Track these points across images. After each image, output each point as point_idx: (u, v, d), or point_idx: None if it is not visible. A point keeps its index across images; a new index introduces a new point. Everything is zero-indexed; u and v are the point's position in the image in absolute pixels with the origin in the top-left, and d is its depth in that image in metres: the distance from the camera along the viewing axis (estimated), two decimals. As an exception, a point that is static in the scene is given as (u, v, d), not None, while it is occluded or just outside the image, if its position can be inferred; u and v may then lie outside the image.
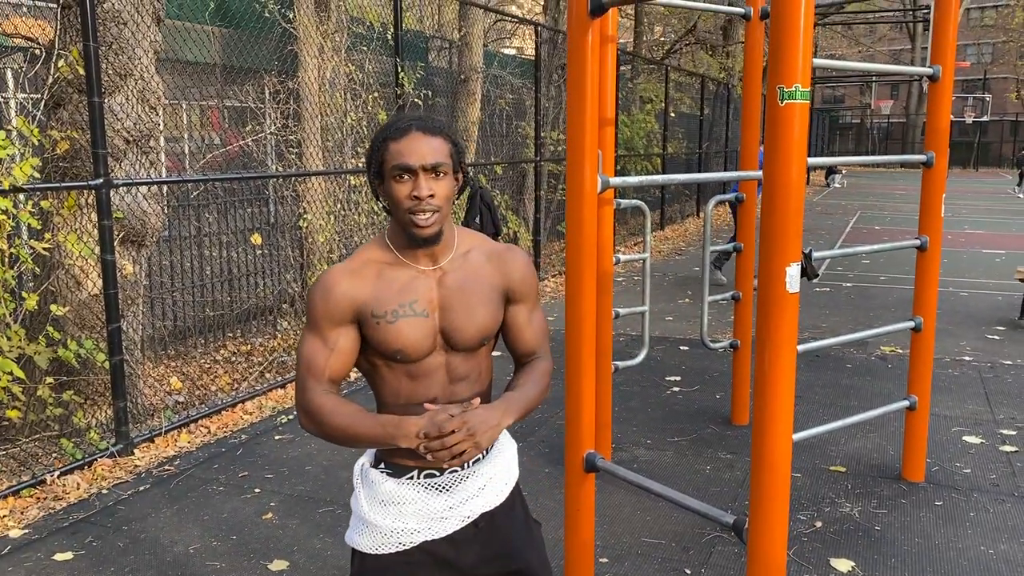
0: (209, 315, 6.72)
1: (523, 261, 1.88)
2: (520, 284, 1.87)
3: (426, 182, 1.70)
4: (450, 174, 1.75)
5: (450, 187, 1.75)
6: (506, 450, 1.94)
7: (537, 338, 1.92)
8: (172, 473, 4.45)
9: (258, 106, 7.20)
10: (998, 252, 12.71)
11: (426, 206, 1.70)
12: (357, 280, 1.76)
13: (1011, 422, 5.11)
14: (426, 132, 1.72)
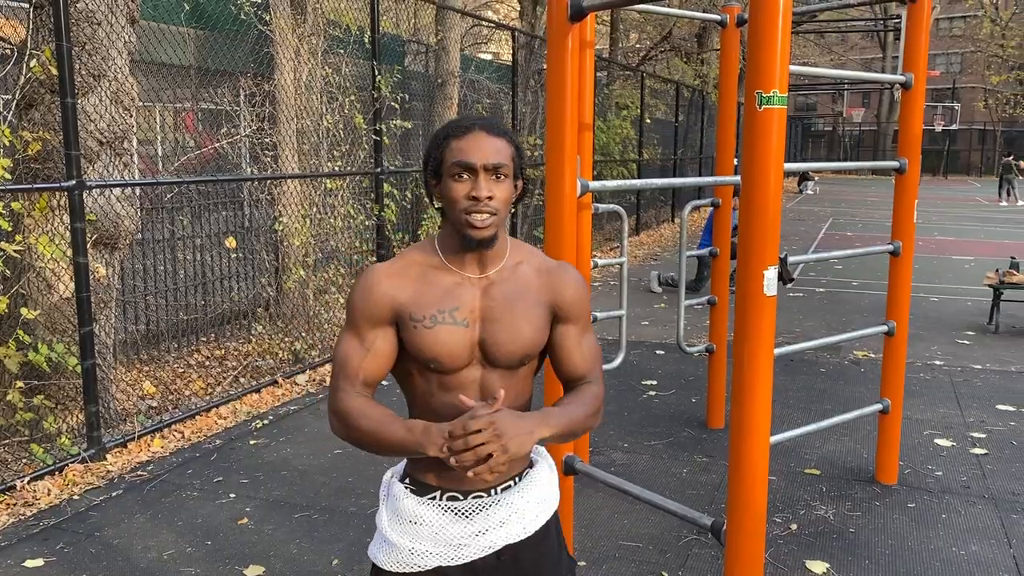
0: (183, 319, 6.65)
1: (576, 279, 1.77)
2: (571, 303, 1.76)
3: (486, 183, 1.63)
4: (510, 178, 1.68)
5: (509, 191, 1.67)
6: (541, 480, 1.79)
7: (587, 362, 1.79)
8: (145, 478, 4.40)
9: (233, 108, 7.15)
10: (967, 258, 12.91)
11: (484, 207, 1.63)
12: (399, 280, 1.70)
13: (981, 425, 5.18)
14: (490, 132, 1.66)
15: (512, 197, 1.70)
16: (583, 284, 1.78)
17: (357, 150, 7.45)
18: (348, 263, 7.71)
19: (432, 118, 9.88)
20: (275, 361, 6.43)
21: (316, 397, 5.81)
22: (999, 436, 4.99)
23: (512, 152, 1.68)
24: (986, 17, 47.67)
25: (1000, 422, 5.24)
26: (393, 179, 8.34)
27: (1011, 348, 7.17)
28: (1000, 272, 7.90)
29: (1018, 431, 5.07)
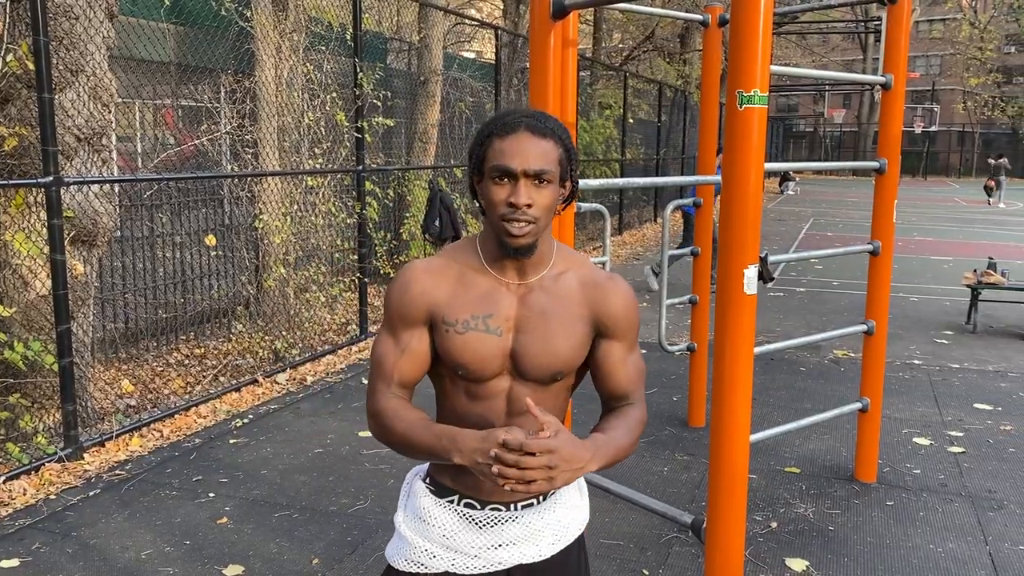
0: (162, 317, 6.60)
1: (623, 293, 1.65)
2: (616, 318, 1.64)
3: (526, 189, 1.53)
4: (555, 183, 1.56)
5: (553, 197, 1.56)
6: (567, 503, 1.71)
7: (632, 382, 1.68)
8: (123, 478, 4.36)
9: (214, 105, 7.10)
10: (946, 259, 13.03)
11: (522, 215, 1.53)
12: (436, 279, 1.63)
13: (958, 424, 5.23)
14: (535, 133, 1.54)
15: (557, 202, 1.59)
16: (631, 298, 1.67)
17: (339, 148, 7.42)
18: (329, 261, 7.68)
19: (415, 116, 9.85)
20: (255, 360, 6.39)
21: (297, 396, 5.78)
22: (976, 435, 5.04)
23: (560, 155, 1.57)
24: (965, 20, 48.18)
25: (977, 421, 5.29)
26: (375, 177, 8.32)
27: (989, 348, 7.24)
28: (978, 272, 7.98)
29: (995, 430, 5.13)
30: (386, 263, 8.69)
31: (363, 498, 4.12)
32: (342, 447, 4.80)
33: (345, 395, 5.79)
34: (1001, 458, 4.67)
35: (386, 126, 8.27)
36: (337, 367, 6.54)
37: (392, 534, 3.72)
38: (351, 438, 4.94)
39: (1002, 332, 7.87)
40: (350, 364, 6.62)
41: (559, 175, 1.57)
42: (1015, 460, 4.64)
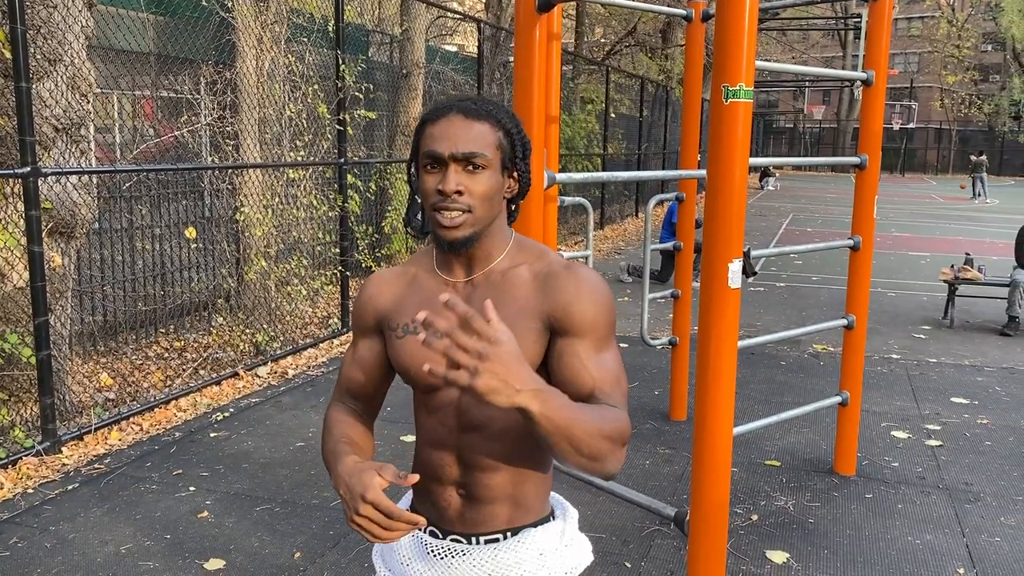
0: (141, 310, 6.54)
1: (582, 283, 1.43)
2: (571, 312, 1.42)
3: (455, 175, 1.41)
4: (492, 169, 1.43)
5: (489, 185, 1.42)
6: (541, 545, 1.51)
7: (603, 381, 1.41)
8: (102, 472, 4.32)
9: (194, 96, 7.03)
10: (923, 254, 13.16)
11: (452, 203, 1.41)
12: (387, 286, 1.56)
13: (935, 417, 5.29)
14: (467, 115, 1.42)
15: (497, 191, 1.45)
16: (594, 288, 1.44)
17: (320, 140, 7.37)
18: (311, 255, 7.64)
19: (397, 109, 9.81)
20: (236, 353, 6.35)
21: (278, 389, 5.75)
22: (953, 428, 5.10)
23: (498, 138, 1.44)
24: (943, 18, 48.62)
25: (954, 414, 5.35)
26: (357, 170, 8.28)
27: (965, 342, 7.32)
28: (955, 268, 8.06)
29: (971, 423, 5.19)
30: (368, 257, 8.65)
31: (345, 492, 4.10)
32: (324, 441, 4.78)
33: (327, 388, 5.77)
34: (977, 451, 4.73)
35: (368, 119, 8.23)
36: (319, 360, 6.51)
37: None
38: (333, 432, 4.92)
39: (978, 327, 7.96)
40: (332, 357, 6.59)
41: (499, 161, 1.44)
42: (991, 453, 4.70)
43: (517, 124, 1.49)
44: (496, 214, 1.47)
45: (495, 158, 1.44)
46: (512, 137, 1.46)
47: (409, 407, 5.39)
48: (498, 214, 1.48)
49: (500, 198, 1.47)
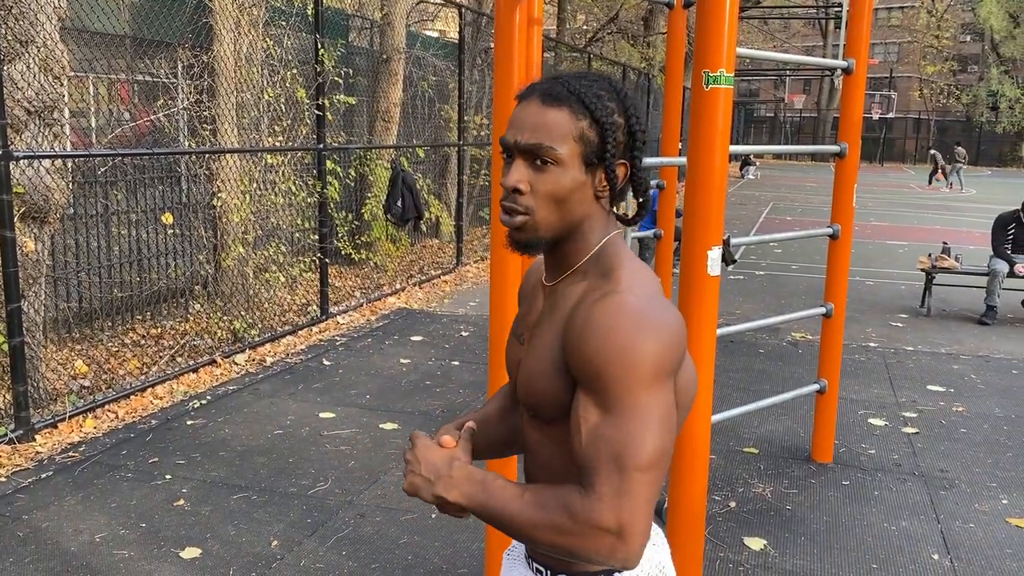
0: (117, 296, 6.46)
1: (601, 320, 1.14)
2: (579, 354, 1.16)
3: (518, 169, 1.22)
4: (567, 165, 1.21)
5: (560, 184, 1.21)
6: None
7: (586, 456, 1.13)
8: (76, 460, 4.27)
9: (170, 80, 6.93)
10: (901, 243, 13.26)
11: (510, 202, 1.23)
12: (527, 277, 1.46)
13: (912, 405, 5.33)
14: (545, 100, 1.22)
15: (573, 192, 1.22)
16: (607, 328, 1.13)
17: (299, 125, 7.30)
18: (289, 241, 7.58)
19: (377, 94, 9.73)
20: (213, 340, 6.29)
21: (256, 377, 5.70)
22: (929, 416, 5.14)
23: (577, 129, 1.21)
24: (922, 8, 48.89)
25: (930, 402, 5.40)
26: (336, 156, 8.21)
27: (942, 331, 7.39)
28: (932, 257, 8.13)
29: (947, 411, 5.24)
30: (347, 244, 8.60)
31: (323, 480, 4.08)
32: (302, 428, 4.75)
33: (305, 376, 5.73)
34: (953, 438, 4.77)
35: (347, 104, 8.16)
36: (297, 348, 6.47)
37: (352, 514, 3.70)
38: (311, 419, 4.90)
39: (955, 315, 8.03)
40: (310, 345, 6.55)
41: (579, 156, 1.21)
42: (966, 440, 4.74)
43: (611, 109, 1.23)
44: (575, 217, 1.25)
45: (572, 152, 1.21)
46: (603, 126, 1.22)
47: (387, 395, 5.37)
48: (581, 217, 1.25)
49: (581, 198, 1.23)
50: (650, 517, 1.11)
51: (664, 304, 1.17)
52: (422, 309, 7.93)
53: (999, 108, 44.91)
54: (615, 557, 1.09)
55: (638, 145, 1.25)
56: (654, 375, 1.11)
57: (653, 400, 1.11)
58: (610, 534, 1.08)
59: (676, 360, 1.14)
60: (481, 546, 3.46)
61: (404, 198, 8.51)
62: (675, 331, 1.15)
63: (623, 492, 1.08)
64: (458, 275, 9.74)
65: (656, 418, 1.11)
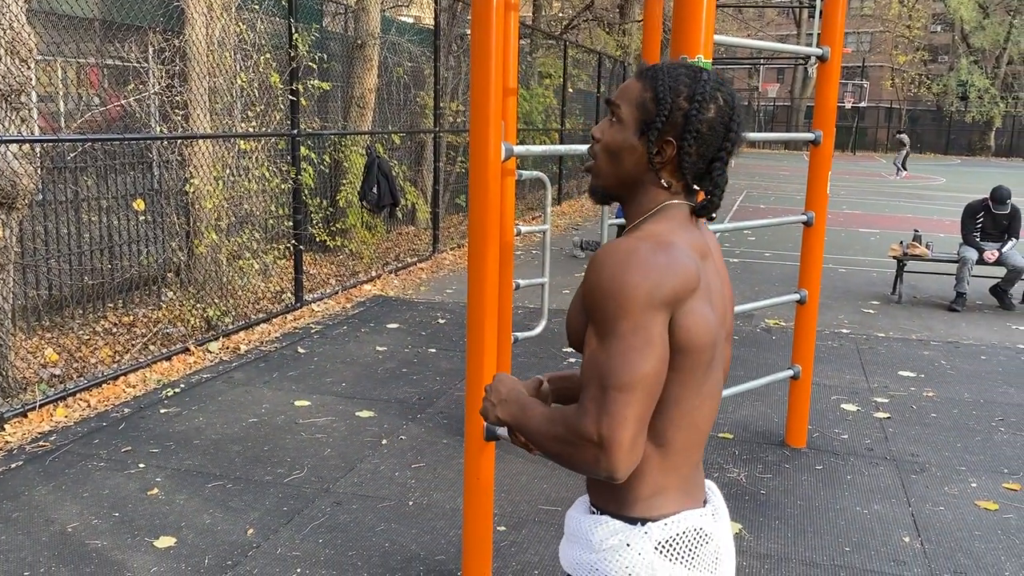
0: (88, 284, 6.37)
1: (601, 258, 1.29)
2: (585, 291, 1.32)
3: (603, 122, 1.43)
4: (627, 125, 1.38)
5: (616, 139, 1.39)
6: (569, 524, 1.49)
7: (584, 375, 1.30)
8: (48, 449, 4.21)
9: (141, 64, 6.83)
10: (873, 231, 13.40)
11: (591, 147, 1.45)
12: None
13: (884, 390, 5.40)
14: (636, 74, 1.42)
15: (624, 150, 1.39)
16: (597, 264, 1.29)
17: (273, 111, 7.22)
18: (263, 228, 7.51)
19: (351, 80, 9.65)
20: (187, 328, 6.23)
21: (230, 365, 5.66)
22: (900, 401, 5.21)
23: (642, 97, 1.37)
24: (895, -2, 49.23)
25: (902, 387, 5.47)
26: (310, 142, 8.14)
27: (913, 317, 7.48)
28: (904, 244, 8.22)
29: (918, 396, 5.31)
30: (322, 231, 8.54)
31: (299, 468, 4.06)
32: (277, 416, 4.72)
33: (280, 364, 5.69)
34: (923, 423, 4.84)
35: (322, 90, 8.08)
36: (272, 336, 6.42)
37: (328, 502, 3.68)
38: (286, 407, 4.87)
39: (926, 302, 8.14)
40: (285, 333, 6.51)
41: (636, 121, 1.38)
42: (936, 425, 4.81)
43: (679, 92, 1.36)
44: (628, 176, 1.41)
45: (632, 116, 1.38)
46: (660, 101, 1.35)
47: (363, 382, 5.34)
48: (634, 178, 1.41)
49: (633, 160, 1.39)
50: (636, 432, 1.24)
51: (673, 251, 1.29)
52: (398, 296, 7.90)
53: (968, 98, 45.42)
54: (600, 466, 1.24)
55: (691, 130, 1.34)
56: (639, 306, 1.24)
57: (637, 327, 1.24)
58: (593, 444, 1.24)
59: (666, 296, 1.25)
60: (458, 533, 3.46)
61: (379, 185, 8.46)
62: (666, 269, 1.26)
63: (603, 408, 1.23)
64: (435, 262, 9.71)
65: (638, 344, 1.24)
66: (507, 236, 4.02)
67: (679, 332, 1.28)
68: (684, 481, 1.40)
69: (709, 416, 1.40)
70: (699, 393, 1.35)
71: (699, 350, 1.31)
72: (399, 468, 4.09)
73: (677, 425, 1.35)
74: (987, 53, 46.10)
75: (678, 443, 1.36)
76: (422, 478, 3.98)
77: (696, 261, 1.32)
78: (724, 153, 1.38)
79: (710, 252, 1.40)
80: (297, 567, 3.19)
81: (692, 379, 1.32)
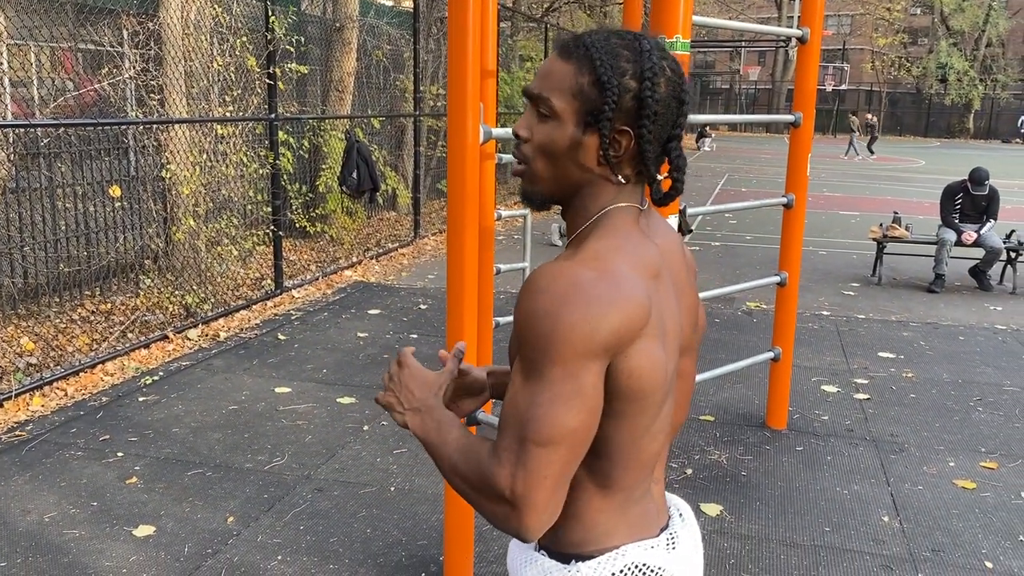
0: (64, 271, 6.29)
1: (525, 288, 1.11)
2: (516, 317, 1.12)
3: (525, 116, 1.21)
4: (561, 120, 1.17)
5: (551, 138, 1.17)
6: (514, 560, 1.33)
7: (503, 413, 1.11)
8: (24, 439, 4.17)
9: (115, 48, 6.72)
10: (853, 213, 13.47)
11: (514, 148, 1.23)
12: None
13: (864, 372, 5.43)
14: (560, 52, 1.18)
15: (563, 148, 1.17)
16: (526, 292, 1.10)
17: (250, 95, 7.14)
18: (242, 214, 7.44)
19: (330, 64, 9.55)
20: (165, 315, 6.17)
21: (209, 352, 5.61)
22: (880, 382, 5.25)
23: (577, 84, 1.15)
24: (875, -20, 49.32)
25: (881, 369, 5.50)
26: (289, 126, 8.06)
27: (892, 299, 7.53)
28: (884, 227, 8.26)
29: (897, 377, 5.35)
30: (302, 216, 8.47)
31: (280, 455, 4.04)
32: (257, 403, 4.69)
33: (260, 351, 5.65)
34: (903, 404, 4.88)
35: (300, 73, 8.00)
36: (252, 322, 6.37)
37: (309, 489, 3.66)
38: (267, 394, 4.83)
39: (905, 284, 8.19)
40: (265, 319, 6.46)
41: (574, 112, 1.16)
42: (915, 405, 4.85)
43: (623, 70, 1.14)
44: (571, 178, 1.20)
45: (568, 107, 1.16)
46: (604, 85, 1.13)
47: (344, 369, 5.32)
48: (578, 180, 1.20)
49: (577, 159, 1.18)
50: (553, 492, 1.08)
51: (620, 282, 1.09)
52: (379, 282, 7.86)
53: (948, 80, 45.68)
54: (509, 525, 1.09)
55: (648, 115, 1.14)
56: (574, 351, 1.06)
57: (568, 375, 1.06)
58: (505, 501, 1.08)
59: (606, 340, 1.07)
60: (440, 518, 3.45)
61: (359, 170, 8.40)
62: (608, 307, 1.06)
63: (520, 463, 1.06)
64: (416, 248, 9.67)
65: (566, 394, 1.06)
66: (487, 221, 3.99)
67: (623, 378, 1.10)
68: (628, 514, 1.23)
69: (661, 448, 1.24)
70: (648, 433, 1.18)
71: (647, 394, 1.13)
72: (380, 454, 4.07)
73: (623, 466, 1.19)
74: (966, 35, 46.35)
75: (624, 482, 1.21)
76: (404, 464, 3.97)
77: (646, 290, 1.12)
78: (678, 130, 1.20)
79: (662, 267, 1.19)
80: (278, 554, 3.17)
81: (640, 423, 1.16)
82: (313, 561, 3.13)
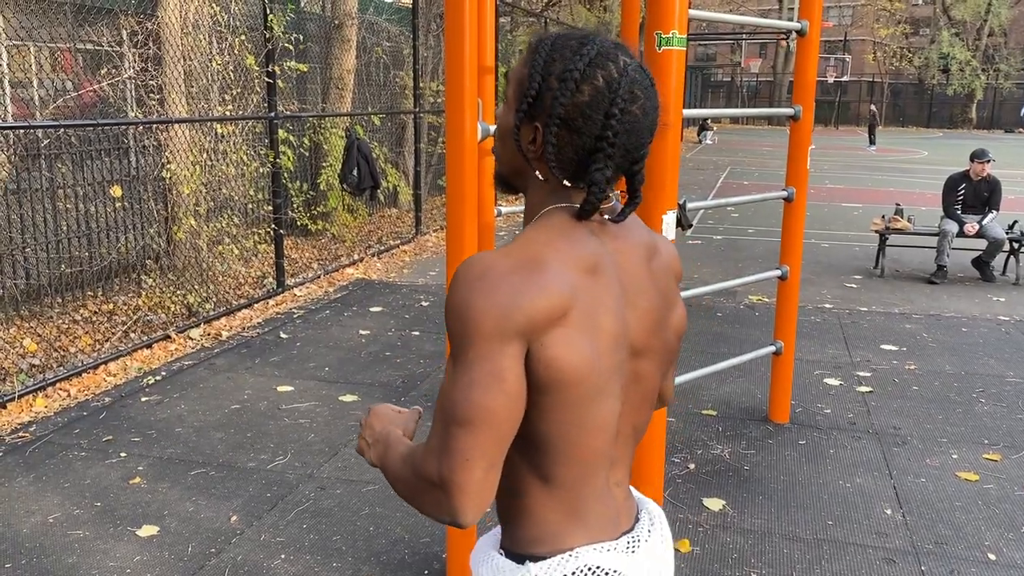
0: (66, 272, 6.30)
1: (455, 281, 1.13)
2: (445, 309, 1.15)
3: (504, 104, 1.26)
4: (509, 104, 1.22)
5: (500, 120, 1.24)
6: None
7: (436, 406, 1.13)
8: (27, 440, 4.18)
9: (114, 48, 6.72)
10: (855, 206, 13.44)
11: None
12: None
13: (866, 364, 5.43)
14: (529, 46, 1.23)
15: (507, 134, 1.22)
16: (457, 287, 1.11)
17: (250, 94, 7.14)
18: (243, 213, 7.44)
19: (329, 61, 9.55)
20: (167, 315, 6.17)
21: (211, 352, 5.62)
22: (883, 374, 5.24)
23: (521, 72, 1.20)
24: (876, -29, 49.14)
25: (884, 361, 5.50)
26: (289, 125, 8.06)
27: (895, 291, 7.52)
28: (886, 219, 8.24)
29: (900, 369, 5.34)
30: (303, 215, 8.47)
31: (283, 453, 4.05)
32: (260, 402, 4.70)
33: (262, 350, 5.66)
34: (905, 396, 4.87)
35: (299, 71, 8.00)
36: (254, 321, 6.38)
37: (312, 487, 3.67)
38: (269, 393, 4.84)
39: (908, 276, 8.18)
40: (267, 318, 6.47)
41: (514, 98, 1.20)
42: (918, 398, 4.84)
43: (549, 66, 1.16)
44: (510, 165, 1.25)
45: (512, 95, 1.20)
46: (531, 80, 1.16)
47: (346, 367, 5.32)
48: (513, 167, 1.25)
49: (512, 147, 1.22)
50: (483, 474, 1.08)
51: (536, 270, 1.11)
52: (381, 280, 7.87)
53: (950, 71, 45.52)
54: (443, 510, 1.10)
55: (554, 116, 1.14)
56: (485, 334, 1.07)
57: (482, 357, 1.07)
58: (435, 486, 1.09)
59: (518, 325, 1.08)
60: (443, 515, 3.45)
61: (360, 167, 8.40)
62: (520, 294, 1.08)
63: (443, 446, 1.08)
64: (417, 245, 9.67)
65: (481, 377, 1.07)
66: (487, 217, 3.99)
67: (540, 368, 1.10)
68: (580, 514, 1.22)
69: (604, 449, 1.21)
70: (583, 429, 1.16)
71: (568, 386, 1.12)
72: (383, 452, 4.07)
73: (561, 462, 1.18)
74: (968, 25, 46.17)
75: (566, 479, 1.19)
76: (406, 461, 3.97)
77: (569, 281, 1.12)
78: (605, 144, 1.14)
79: (603, 266, 1.18)
80: (281, 553, 3.18)
81: (570, 416, 1.15)
82: (316, 559, 3.14)
